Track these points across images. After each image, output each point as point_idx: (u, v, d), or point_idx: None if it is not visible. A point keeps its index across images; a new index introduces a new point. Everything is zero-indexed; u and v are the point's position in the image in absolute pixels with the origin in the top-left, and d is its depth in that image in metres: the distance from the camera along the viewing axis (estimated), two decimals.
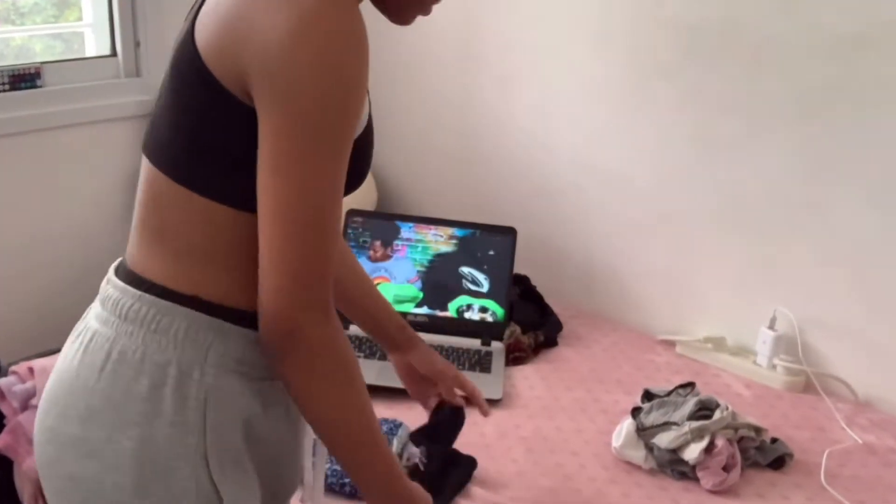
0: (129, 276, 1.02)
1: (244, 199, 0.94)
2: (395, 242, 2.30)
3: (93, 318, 1.04)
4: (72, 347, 1.04)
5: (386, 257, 2.30)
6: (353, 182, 1.00)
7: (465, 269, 2.27)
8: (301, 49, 0.88)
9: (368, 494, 1.07)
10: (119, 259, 1.10)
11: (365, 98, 0.95)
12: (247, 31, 0.90)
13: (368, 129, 1.02)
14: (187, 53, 0.94)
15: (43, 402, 1.05)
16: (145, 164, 1.03)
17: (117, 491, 0.96)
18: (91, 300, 1.09)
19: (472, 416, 1.91)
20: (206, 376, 0.98)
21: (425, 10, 1.07)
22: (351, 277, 1.33)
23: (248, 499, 1.04)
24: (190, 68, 0.94)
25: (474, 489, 1.68)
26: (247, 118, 0.92)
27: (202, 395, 0.97)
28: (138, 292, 0.99)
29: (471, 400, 1.48)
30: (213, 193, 0.96)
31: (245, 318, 0.98)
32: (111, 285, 1.03)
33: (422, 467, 1.58)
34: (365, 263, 2.26)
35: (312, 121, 0.89)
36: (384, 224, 2.34)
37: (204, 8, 0.96)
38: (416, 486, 1.11)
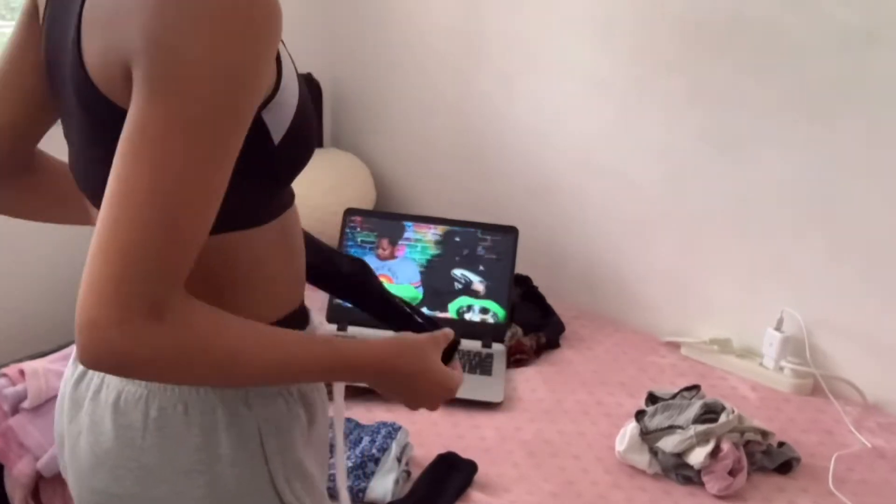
0: None
1: (225, 221, 0.86)
2: (398, 242, 2.30)
3: (110, 375, 0.97)
4: (94, 404, 0.98)
5: (393, 256, 2.30)
6: (310, 149, 0.97)
7: (457, 272, 2.27)
8: (180, 25, 0.78)
9: (349, 381, 1.04)
10: None
11: (258, 86, 0.84)
12: (123, 23, 0.80)
13: (295, 133, 0.93)
14: (78, 75, 0.86)
15: (77, 464, 1.01)
16: (92, 209, 0.97)
17: None
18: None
19: (473, 420, 1.91)
20: (253, 408, 0.96)
21: None
22: None
23: (320, 500, 1.04)
24: (83, 90, 0.86)
25: (474, 494, 1.67)
26: None
27: (255, 428, 0.96)
28: None
29: None
30: None
31: None
32: None
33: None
34: (372, 261, 2.26)
35: (187, 102, 0.78)
36: (391, 223, 2.33)
37: (85, 21, 0.86)
38: (372, 343, 1.02)
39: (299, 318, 1.06)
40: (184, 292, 0.83)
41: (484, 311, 2.26)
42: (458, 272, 2.27)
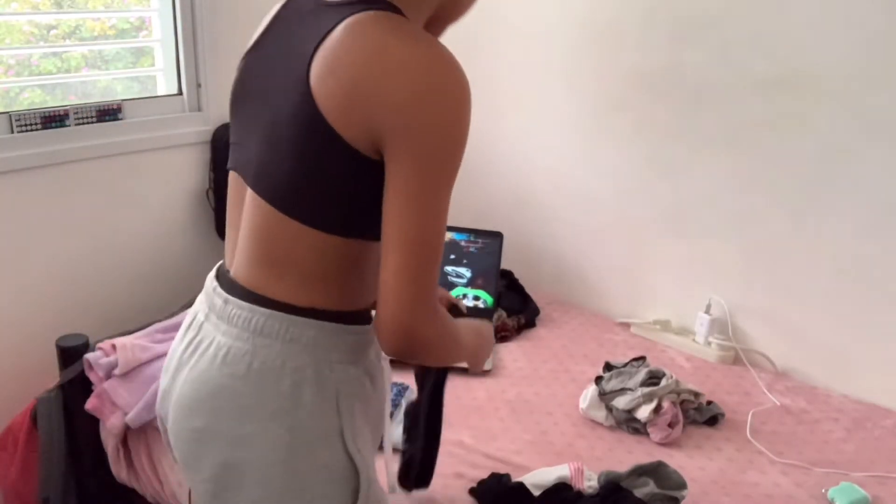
0: (251, 296, 0.97)
1: (353, 230, 0.93)
2: None
3: (219, 334, 0.98)
4: (202, 359, 0.99)
5: None
6: None
7: (448, 269, 2.27)
8: (429, 107, 0.85)
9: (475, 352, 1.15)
10: (212, 274, 1.05)
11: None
12: (374, 94, 0.85)
13: None
14: (309, 115, 0.88)
15: (180, 407, 1.01)
16: (255, 199, 0.96)
17: (270, 468, 0.94)
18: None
19: (467, 384, 1.91)
20: (334, 372, 0.96)
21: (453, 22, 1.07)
22: None
23: (370, 460, 1.03)
24: (314, 128, 0.88)
25: (467, 441, 1.67)
26: (367, 167, 0.88)
27: (333, 388, 0.96)
28: (267, 311, 0.95)
29: None
30: (327, 227, 0.92)
31: (350, 317, 0.98)
32: (234, 305, 0.98)
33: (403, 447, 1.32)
34: None
35: (436, 166, 0.86)
36: None
37: (317, 69, 0.88)
38: (469, 323, 1.15)
39: (369, 311, 1.05)
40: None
41: (476, 298, 2.26)
42: (448, 268, 2.27)
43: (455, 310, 1.23)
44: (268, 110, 0.94)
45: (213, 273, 1.07)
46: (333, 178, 0.90)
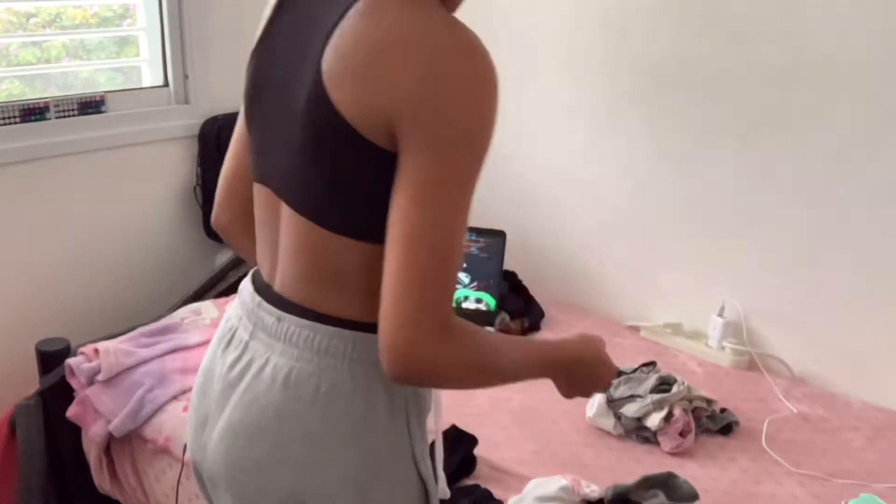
0: (310, 314, 0.92)
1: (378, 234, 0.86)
2: None
3: (275, 354, 0.93)
4: (257, 381, 0.93)
5: None
6: None
7: None
8: (446, 95, 0.80)
9: (543, 374, 1.02)
10: (251, 288, 1.00)
11: (492, 136, 0.85)
12: (388, 84, 0.80)
13: None
14: (325, 113, 0.83)
15: (237, 435, 0.95)
16: (293, 215, 0.92)
17: (343, 496, 0.92)
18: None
19: (469, 391, 1.91)
20: (403, 389, 0.94)
21: None
22: None
23: (434, 476, 1.01)
24: (331, 127, 0.83)
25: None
26: (386, 161, 0.83)
27: (404, 406, 0.94)
28: (331, 328, 0.91)
29: None
30: (374, 237, 0.85)
31: None
32: (290, 323, 0.93)
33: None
34: None
35: (455, 159, 0.81)
36: None
37: (330, 65, 0.83)
38: (566, 341, 1.06)
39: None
40: (454, 313, 0.84)
41: (478, 300, 2.27)
42: None
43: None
44: (285, 113, 0.89)
45: (250, 286, 1.01)
46: (363, 181, 0.85)
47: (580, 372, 1.05)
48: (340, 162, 0.86)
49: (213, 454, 0.98)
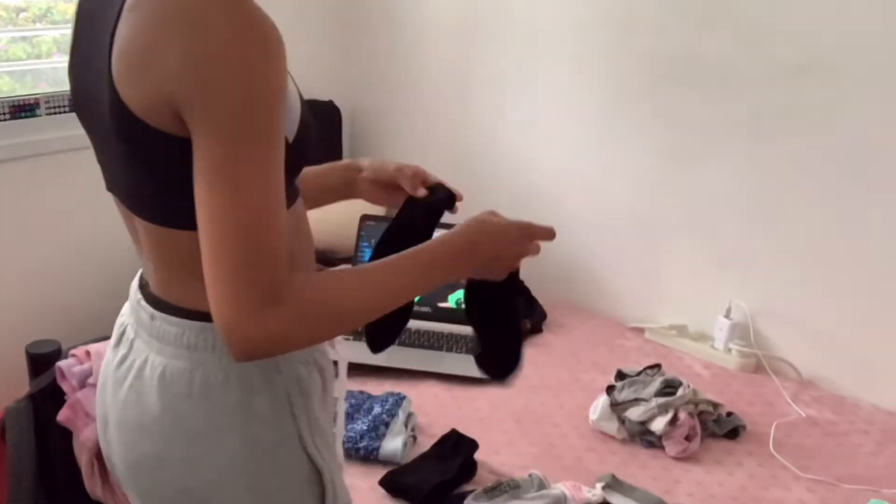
0: (177, 311, 0.95)
1: None
2: None
3: (152, 352, 0.96)
4: (139, 380, 0.96)
5: None
6: (301, 164, 0.96)
7: None
8: (211, 68, 0.79)
9: (451, 277, 1.01)
10: (136, 284, 1.04)
11: (284, 100, 0.84)
12: (158, 67, 0.80)
13: (303, 130, 0.92)
14: (123, 116, 0.84)
15: (121, 434, 0.99)
16: (120, 205, 0.97)
17: (232, 486, 0.94)
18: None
19: (469, 393, 1.91)
20: (281, 374, 0.95)
21: None
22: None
23: (332, 457, 1.02)
24: (131, 128, 0.84)
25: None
26: (188, 148, 0.83)
27: (285, 391, 0.95)
28: (198, 323, 0.93)
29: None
30: (193, 224, 0.85)
31: None
32: (161, 321, 0.95)
33: None
34: None
35: (233, 133, 0.80)
36: None
37: (117, 66, 0.84)
38: (447, 233, 1.02)
39: None
40: (288, 272, 0.84)
41: None
42: None
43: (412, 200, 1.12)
44: (101, 124, 0.90)
45: (136, 282, 1.05)
46: (175, 173, 0.85)
47: (484, 250, 1.03)
48: (150, 159, 0.87)
49: (114, 451, 1.02)
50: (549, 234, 1.11)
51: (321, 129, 1.01)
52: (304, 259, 1.02)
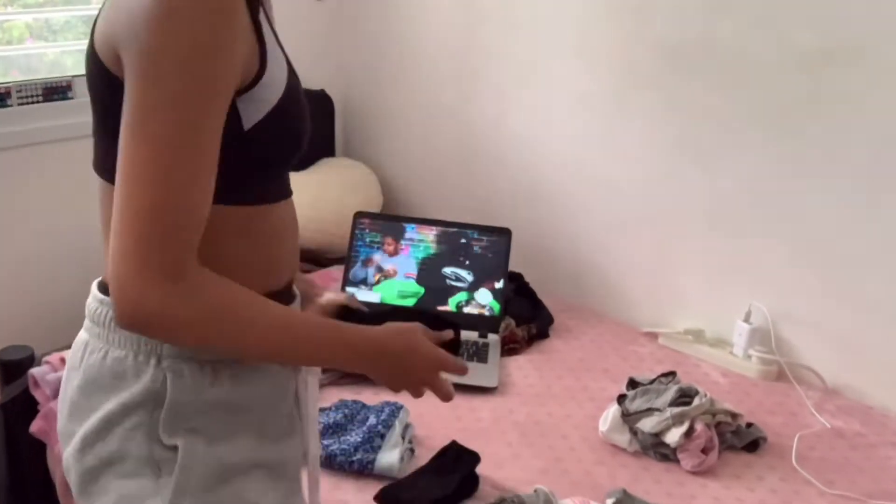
0: (100, 284, 1.02)
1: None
2: (401, 241, 2.29)
3: (85, 331, 1.02)
4: (82, 364, 1.01)
5: (398, 252, 2.29)
6: (288, 147, 0.97)
7: (447, 270, 2.26)
8: (144, 8, 0.82)
9: (347, 366, 1.03)
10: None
11: (225, 63, 0.85)
12: (117, 12, 0.86)
13: (289, 95, 0.94)
14: (93, 63, 0.91)
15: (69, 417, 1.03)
16: (98, 183, 1.00)
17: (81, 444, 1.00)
18: None
19: (470, 403, 1.90)
20: (163, 360, 0.95)
21: None
22: None
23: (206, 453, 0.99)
24: (97, 74, 0.90)
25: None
26: None
27: (161, 375, 0.95)
28: (105, 297, 0.98)
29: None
30: None
31: None
32: (91, 299, 1.01)
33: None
34: (382, 258, 2.26)
35: (163, 82, 0.82)
36: (394, 224, 2.33)
37: (98, 23, 0.92)
38: (370, 328, 1.02)
39: (281, 300, 1.00)
40: (197, 261, 0.86)
41: (480, 304, 2.25)
42: (448, 270, 2.26)
43: (348, 312, 1.14)
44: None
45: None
46: (117, 121, 0.87)
47: (386, 362, 1.03)
48: (107, 107, 0.89)
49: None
50: (461, 369, 1.12)
51: (312, 120, 1.01)
52: (273, 263, 1.02)
